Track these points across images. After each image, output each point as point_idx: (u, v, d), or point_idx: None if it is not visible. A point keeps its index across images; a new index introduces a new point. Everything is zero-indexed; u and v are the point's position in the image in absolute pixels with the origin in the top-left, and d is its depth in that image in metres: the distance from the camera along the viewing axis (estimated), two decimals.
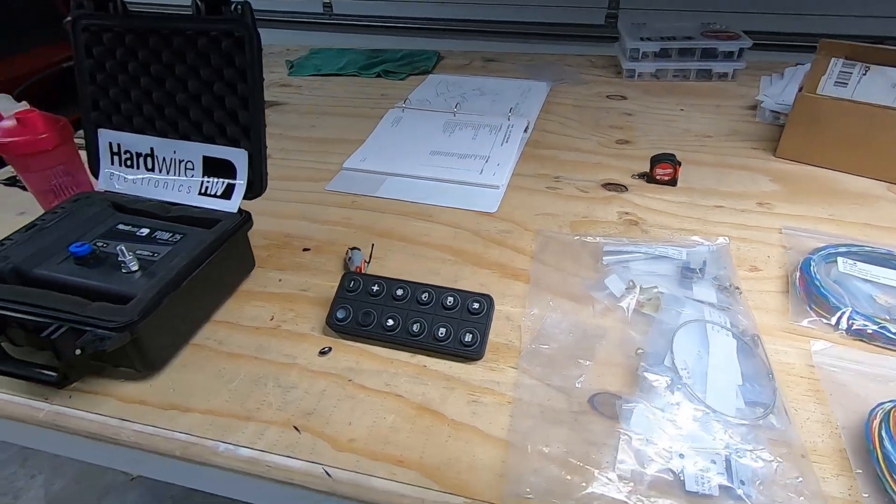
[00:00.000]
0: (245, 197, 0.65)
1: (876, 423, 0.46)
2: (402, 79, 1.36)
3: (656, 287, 0.62)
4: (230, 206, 0.65)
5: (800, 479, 0.43)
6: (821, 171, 0.87)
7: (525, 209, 0.82)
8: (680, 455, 0.45)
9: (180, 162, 0.68)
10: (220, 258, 0.61)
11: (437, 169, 0.91)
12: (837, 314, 0.57)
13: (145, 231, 0.62)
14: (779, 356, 0.55)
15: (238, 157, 0.65)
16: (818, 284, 0.60)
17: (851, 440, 0.47)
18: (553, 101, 1.19)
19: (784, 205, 0.80)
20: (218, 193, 0.66)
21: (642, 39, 1.25)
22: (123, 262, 0.56)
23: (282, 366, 0.57)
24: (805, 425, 0.49)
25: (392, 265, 0.71)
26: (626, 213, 0.79)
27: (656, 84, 1.26)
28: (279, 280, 0.69)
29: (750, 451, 0.45)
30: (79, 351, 0.50)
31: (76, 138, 0.76)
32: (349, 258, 0.69)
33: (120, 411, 0.52)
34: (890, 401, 0.48)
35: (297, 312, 0.64)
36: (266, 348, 0.59)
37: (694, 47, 1.23)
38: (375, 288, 0.61)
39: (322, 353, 0.58)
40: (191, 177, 0.67)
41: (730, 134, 1.02)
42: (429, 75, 1.37)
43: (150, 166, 0.69)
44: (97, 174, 0.71)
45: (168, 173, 0.68)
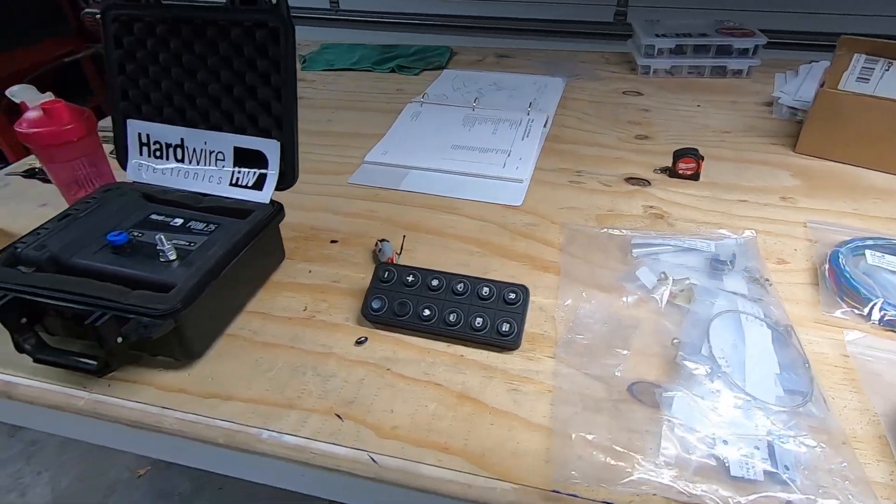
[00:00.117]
0: (276, 188, 0.66)
1: None
2: (416, 74, 1.36)
3: (688, 279, 0.63)
4: (262, 197, 0.65)
5: (844, 465, 0.44)
6: (842, 167, 0.88)
7: (549, 203, 0.82)
8: (724, 441, 0.46)
9: (210, 152, 0.68)
10: (255, 248, 0.61)
11: (460, 163, 0.91)
12: (869, 305, 0.58)
13: (179, 221, 0.62)
14: (812, 346, 0.56)
15: (270, 148, 0.65)
16: (848, 276, 0.61)
17: (892, 427, 0.47)
18: (569, 97, 1.19)
19: (806, 199, 0.81)
20: (249, 184, 0.66)
21: (657, 36, 1.26)
22: (162, 251, 0.56)
23: (318, 355, 0.57)
24: (843, 413, 0.49)
25: (421, 257, 0.71)
26: (651, 207, 0.80)
27: (671, 80, 1.27)
28: (309, 271, 0.69)
29: (793, 438, 0.46)
30: (120, 339, 0.50)
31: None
32: (379, 250, 0.69)
33: (159, 400, 0.52)
34: None
35: (330, 303, 0.64)
36: (301, 338, 0.59)
37: (709, 44, 1.23)
38: (410, 278, 0.61)
39: (358, 343, 0.58)
40: (221, 167, 0.67)
41: (747, 130, 1.02)
42: (443, 70, 1.37)
43: (180, 157, 0.69)
44: (125, 165, 0.71)
45: (198, 164, 0.68)
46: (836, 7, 1.49)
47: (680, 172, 0.86)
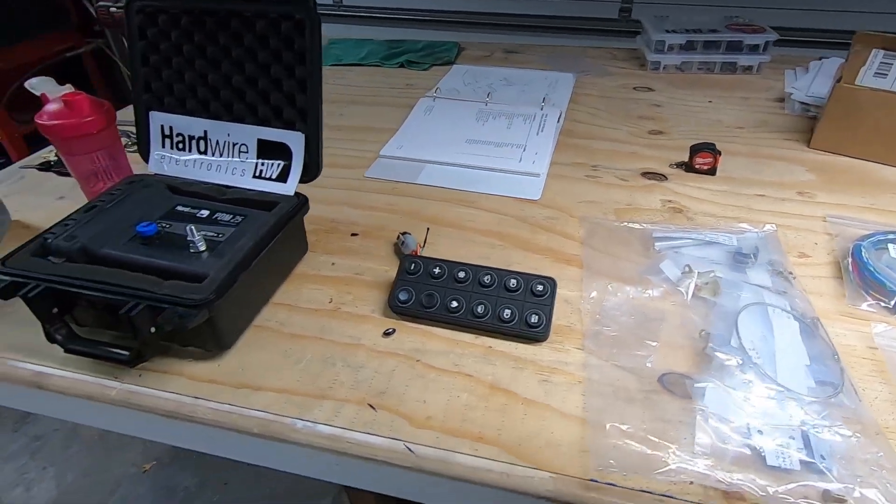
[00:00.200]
0: (300, 180, 0.66)
1: None
2: (426, 69, 1.36)
3: (713, 271, 0.63)
4: (286, 189, 0.65)
5: (880, 454, 0.44)
6: (857, 162, 0.88)
7: (567, 196, 0.82)
8: (759, 431, 0.46)
9: (234, 145, 0.67)
10: (282, 240, 0.61)
11: (476, 157, 0.91)
12: (895, 298, 0.58)
13: (205, 212, 0.62)
14: (839, 338, 0.56)
15: (295, 140, 0.65)
16: (872, 269, 0.61)
17: None
18: (580, 93, 1.19)
19: (823, 194, 0.81)
20: (273, 176, 0.66)
21: (667, 32, 1.26)
22: (192, 242, 0.56)
23: (347, 346, 0.57)
24: (874, 404, 0.50)
25: (442, 250, 0.71)
26: (669, 201, 0.80)
27: (681, 76, 1.27)
28: (332, 264, 0.69)
29: (827, 428, 0.46)
30: (153, 329, 0.50)
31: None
32: (402, 242, 0.69)
33: (191, 390, 0.52)
34: None
35: (355, 295, 0.64)
36: (329, 329, 0.59)
37: (720, 40, 1.24)
38: (437, 270, 0.61)
39: (386, 335, 0.58)
40: (245, 159, 0.67)
41: (760, 125, 1.03)
42: (453, 66, 1.37)
43: (203, 149, 0.69)
44: (147, 157, 0.70)
45: (221, 156, 0.68)
46: (845, 4, 1.50)
47: (697, 167, 0.86)
